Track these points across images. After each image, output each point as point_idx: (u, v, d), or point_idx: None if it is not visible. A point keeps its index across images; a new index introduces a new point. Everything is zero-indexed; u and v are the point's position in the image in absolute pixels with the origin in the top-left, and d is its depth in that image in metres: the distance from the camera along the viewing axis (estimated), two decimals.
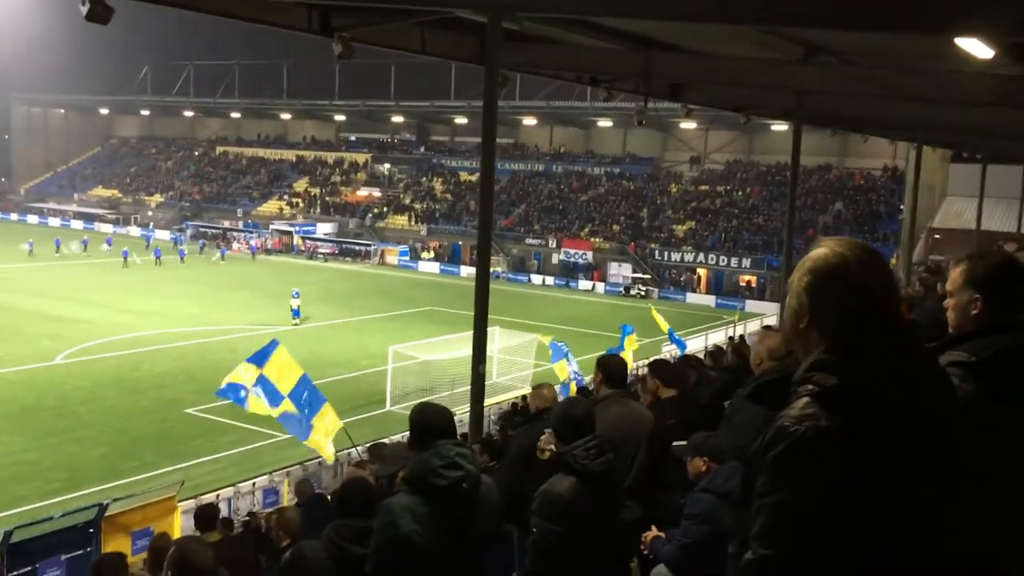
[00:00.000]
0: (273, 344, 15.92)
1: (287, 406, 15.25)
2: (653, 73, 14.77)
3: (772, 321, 34.67)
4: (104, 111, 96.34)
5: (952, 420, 1.81)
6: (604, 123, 68.32)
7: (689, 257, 56.99)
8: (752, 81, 14.92)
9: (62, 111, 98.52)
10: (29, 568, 13.70)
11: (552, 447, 4.51)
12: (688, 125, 60.87)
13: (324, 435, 15.48)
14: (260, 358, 15.51)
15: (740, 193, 62.64)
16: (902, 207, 53.16)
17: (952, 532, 1.75)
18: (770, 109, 23.14)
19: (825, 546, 1.70)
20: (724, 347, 21.22)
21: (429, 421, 3.87)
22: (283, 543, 5.24)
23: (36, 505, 17.52)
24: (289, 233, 68.97)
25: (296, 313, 38.83)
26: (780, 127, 49.80)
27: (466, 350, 23.01)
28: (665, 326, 27.97)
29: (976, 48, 9.74)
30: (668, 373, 6.51)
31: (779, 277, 47.78)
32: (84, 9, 9.29)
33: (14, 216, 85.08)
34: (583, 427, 4.52)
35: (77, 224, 78.38)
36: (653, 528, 5.14)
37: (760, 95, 18.63)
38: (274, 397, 15.17)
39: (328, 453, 16.10)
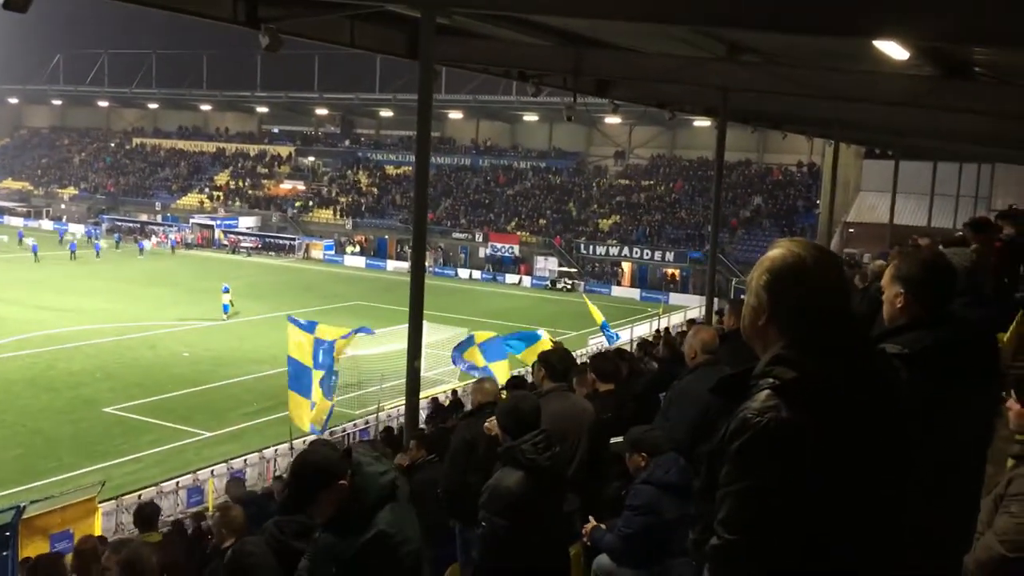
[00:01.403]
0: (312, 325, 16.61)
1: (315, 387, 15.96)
2: (582, 69, 14.93)
3: (696, 314, 35.36)
4: (13, 100, 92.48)
5: (905, 414, 1.92)
6: (530, 117, 68.60)
7: (614, 251, 57.71)
8: (678, 78, 15.21)
9: None
10: None
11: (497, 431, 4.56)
12: (613, 120, 61.48)
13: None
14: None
15: (664, 187, 63.69)
16: (818, 202, 54.83)
17: (912, 527, 1.86)
18: (695, 106, 23.62)
19: (788, 533, 1.79)
20: (652, 339, 21.60)
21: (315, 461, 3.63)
22: (226, 542, 5.17)
23: None
24: (210, 227, 67.46)
25: (226, 308, 38.13)
26: (703, 123, 50.68)
27: (394, 345, 22.95)
28: (600, 317, 28.25)
29: (893, 50, 10.12)
30: (605, 368, 6.62)
31: (702, 270, 48.79)
32: None
33: None
34: (530, 422, 4.59)
35: None
36: (592, 519, 5.24)
37: (686, 92, 19.00)
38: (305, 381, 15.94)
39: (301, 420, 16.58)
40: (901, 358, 2.54)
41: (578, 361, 8.24)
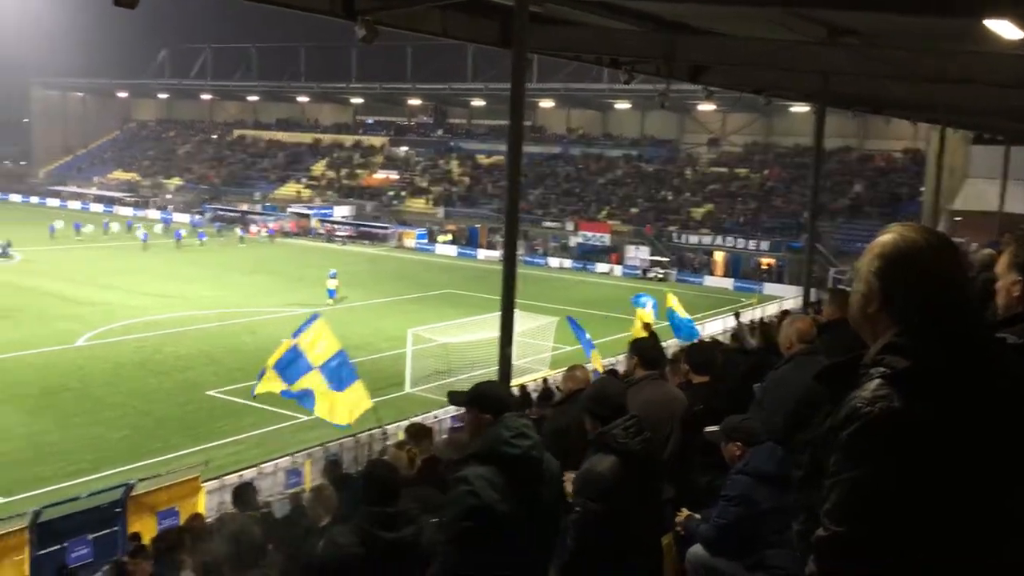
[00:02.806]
0: (313, 317, 16.07)
1: (309, 381, 15.22)
2: (676, 55, 14.69)
3: (791, 304, 34.56)
4: (122, 95, 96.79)
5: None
6: (622, 105, 68.03)
7: (707, 240, 56.81)
8: (775, 63, 14.83)
9: (81, 95, 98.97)
10: (57, 547, 13.91)
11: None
12: (707, 107, 60.48)
13: (346, 409, 15.47)
14: (298, 331, 15.64)
15: (759, 175, 62.33)
16: (922, 189, 52.77)
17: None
18: (792, 91, 22.99)
19: (897, 526, 1.73)
20: (745, 330, 21.16)
21: (498, 394, 4.04)
22: (322, 520, 5.32)
23: (60, 486, 17.72)
24: (307, 216, 69.16)
25: (332, 293, 39.21)
26: (800, 109, 49.43)
27: (484, 333, 23.15)
28: (682, 312, 27.46)
29: (1005, 29, 9.64)
30: (700, 360, 6.54)
31: (798, 259, 47.62)
32: None
33: (34, 199, 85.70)
34: (618, 407, 4.58)
35: (97, 207, 78.85)
36: (684, 509, 5.19)
37: (783, 77, 18.50)
38: (296, 370, 15.18)
39: (340, 418, 15.93)
40: (1020, 350, 2.43)
41: (668, 352, 8.16)
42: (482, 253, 60.58)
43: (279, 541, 7.24)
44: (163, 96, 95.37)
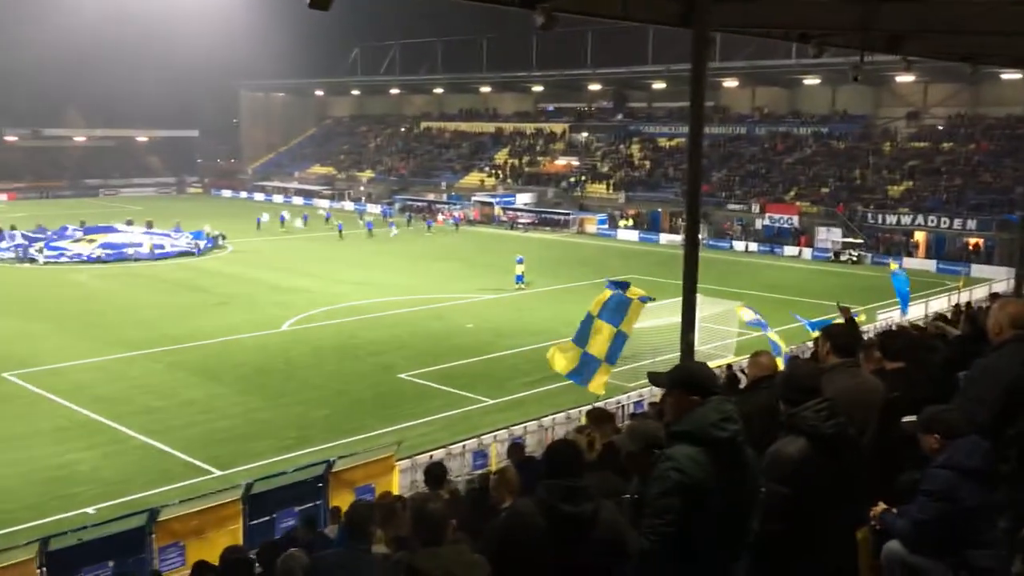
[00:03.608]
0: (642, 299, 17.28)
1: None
2: (871, 25, 13.85)
3: (1002, 287, 32.06)
4: (319, 93, 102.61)
5: None
6: (811, 81, 65.10)
7: (906, 220, 53.40)
8: (984, 26, 13.70)
9: (282, 95, 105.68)
10: (267, 518, 14.98)
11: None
12: (905, 78, 56.83)
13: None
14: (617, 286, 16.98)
15: (965, 149, 57.86)
16: None
17: None
18: (1003, 56, 21.16)
19: None
20: (948, 315, 19.83)
21: (702, 375, 4.08)
22: (505, 501, 5.44)
23: (271, 460, 19.08)
24: (490, 204, 70.68)
25: (520, 279, 40.12)
26: (1011, 76, 45.57)
27: (667, 318, 22.84)
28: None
29: None
30: (892, 346, 6.18)
31: (1011, 239, 43.98)
32: None
33: (243, 194, 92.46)
34: (810, 389, 4.45)
35: (298, 200, 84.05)
36: (880, 503, 4.94)
37: (992, 41, 17.06)
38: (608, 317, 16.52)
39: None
40: None
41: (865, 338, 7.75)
42: (664, 237, 59.81)
43: (463, 518, 7.48)
44: (355, 93, 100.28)
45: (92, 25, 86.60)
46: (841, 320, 10.09)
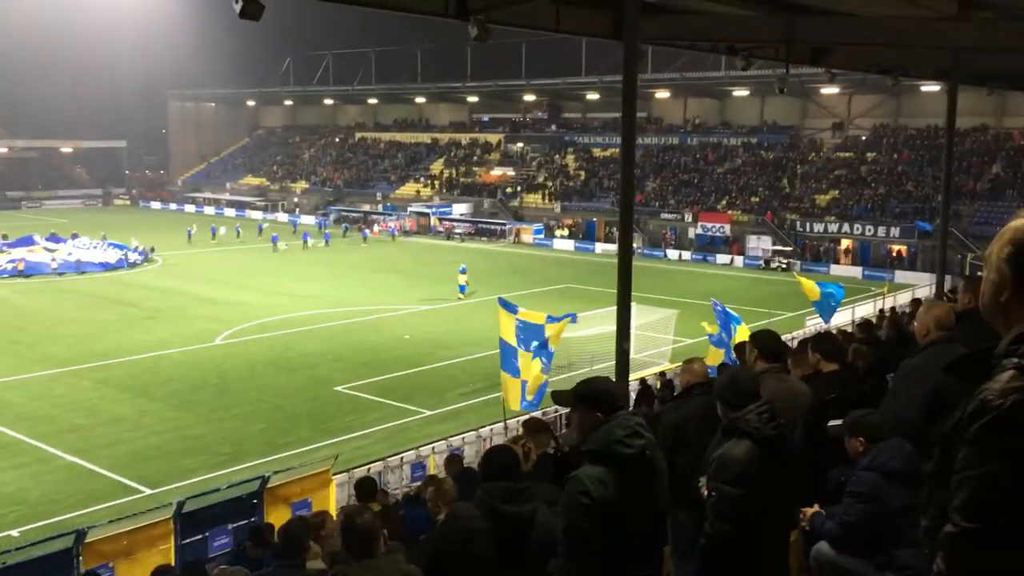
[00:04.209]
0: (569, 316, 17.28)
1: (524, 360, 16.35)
2: (795, 38, 14.25)
3: (924, 292, 33.06)
4: (251, 103, 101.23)
5: None
6: (740, 92, 66.47)
7: (833, 227, 54.86)
8: (903, 41, 14.19)
9: (213, 105, 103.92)
10: (200, 536, 14.66)
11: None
12: (830, 90, 58.50)
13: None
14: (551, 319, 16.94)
15: (888, 159, 59.72)
16: None
17: None
18: (922, 69, 21.96)
19: None
20: (874, 320, 20.41)
21: (607, 391, 4.03)
22: (440, 513, 5.42)
23: (204, 477, 18.70)
24: (426, 215, 70.51)
25: (463, 288, 40.07)
26: (931, 88, 47.13)
27: (604, 327, 23.04)
28: (816, 293, 26.68)
29: None
30: (831, 347, 6.36)
31: (932, 246, 45.45)
32: (237, 7, 9.77)
33: (173, 206, 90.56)
34: (750, 394, 4.54)
35: (230, 212, 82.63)
36: (815, 504, 5.06)
37: (911, 55, 17.71)
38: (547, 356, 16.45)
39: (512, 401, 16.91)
40: None
41: (793, 343, 7.94)
42: (600, 247, 60.37)
43: (398, 530, 7.42)
44: (288, 103, 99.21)
45: (14, 33, 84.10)
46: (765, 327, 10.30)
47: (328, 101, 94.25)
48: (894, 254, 51.98)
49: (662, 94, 68.83)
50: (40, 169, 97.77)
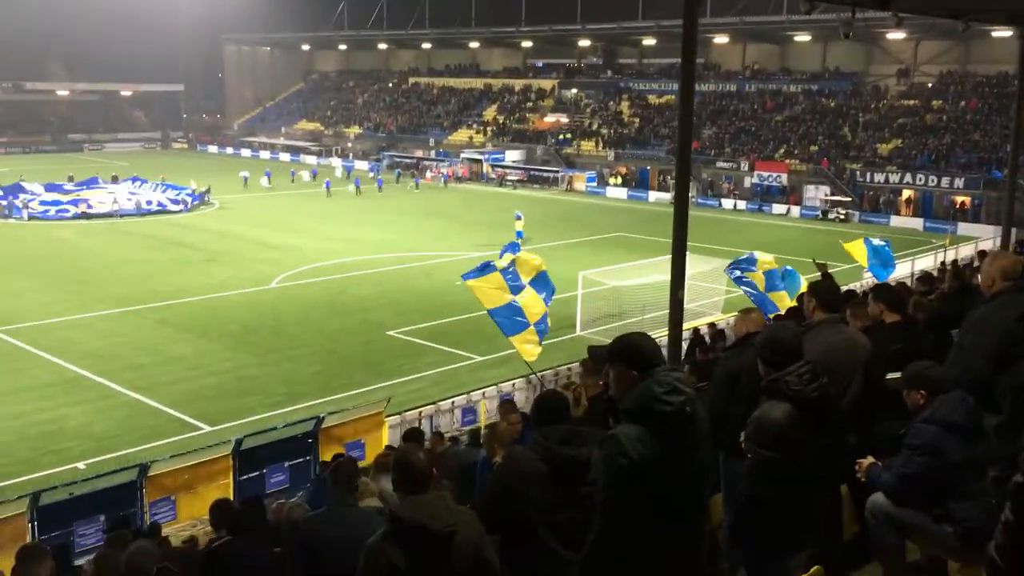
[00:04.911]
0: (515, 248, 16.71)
1: (526, 299, 15.83)
2: None
3: (988, 246, 32.22)
4: (305, 47, 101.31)
5: None
6: (801, 38, 64.61)
7: (894, 178, 53.45)
8: None
9: (268, 49, 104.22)
10: (257, 473, 15.11)
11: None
12: (896, 35, 56.48)
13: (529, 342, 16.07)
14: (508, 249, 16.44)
15: (955, 107, 57.75)
16: None
17: None
18: (994, 13, 21.04)
19: None
20: (935, 273, 19.96)
21: (643, 347, 3.89)
22: (496, 456, 5.50)
23: (261, 416, 19.16)
24: (479, 161, 70.27)
25: (519, 234, 40.11)
26: (1002, 33, 45.25)
27: (656, 276, 22.92)
28: (863, 255, 26.16)
29: None
30: (893, 297, 6.25)
31: (998, 197, 44.10)
32: None
33: (229, 150, 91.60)
34: (792, 353, 4.44)
35: (284, 156, 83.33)
36: (869, 456, 5.01)
37: None
38: (514, 286, 15.89)
39: (531, 354, 16.41)
40: None
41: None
42: (653, 195, 59.72)
43: (448, 469, 7.54)
44: (342, 47, 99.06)
45: None
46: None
47: (382, 46, 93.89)
48: (957, 206, 50.57)
49: (720, 39, 67.23)
50: (101, 112, 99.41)
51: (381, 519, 4.29)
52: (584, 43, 78.40)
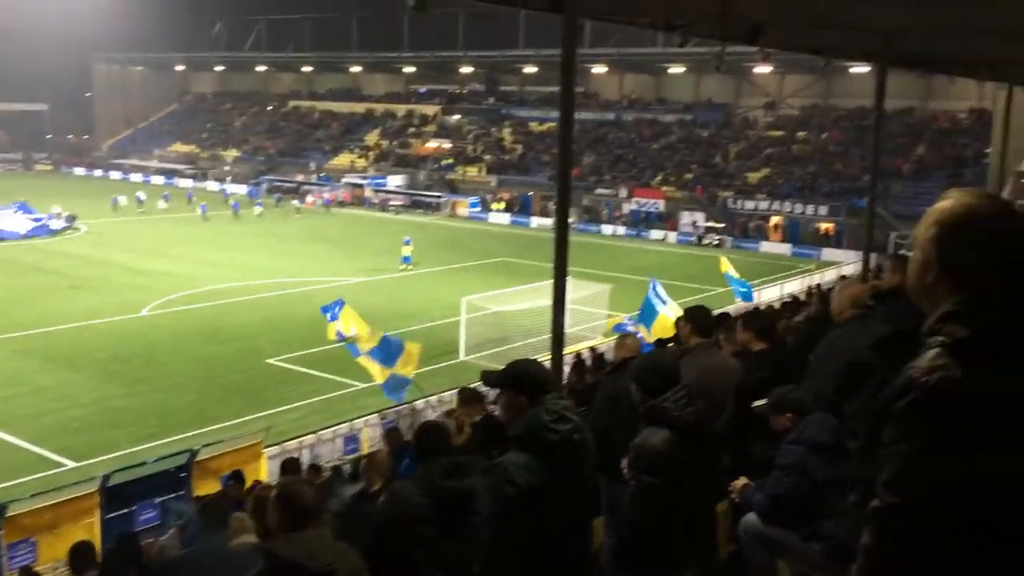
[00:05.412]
0: (338, 303, 16.36)
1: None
2: (732, 16, 14.35)
3: (851, 270, 33.95)
4: (180, 68, 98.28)
5: None
6: (676, 69, 66.97)
7: (764, 205, 55.87)
8: (835, 22, 14.41)
9: (140, 68, 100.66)
10: (126, 510, 14.38)
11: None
12: (763, 69, 59.18)
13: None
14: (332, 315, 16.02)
15: (818, 138, 61.01)
16: (988, 151, 51.10)
17: None
18: (852, 51, 22.33)
19: (952, 498, 1.70)
20: (802, 297, 20.89)
21: (532, 373, 3.93)
22: (375, 485, 5.39)
23: (130, 450, 18.30)
24: (361, 186, 69.65)
25: (407, 260, 39.98)
26: (860, 69, 48.15)
27: (539, 301, 23.14)
28: (733, 272, 27.21)
29: None
30: (762, 325, 6.46)
31: (859, 224, 46.61)
32: None
33: (98, 172, 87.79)
34: (669, 378, 4.54)
35: (158, 180, 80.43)
36: (742, 478, 5.16)
37: (843, 36, 17.98)
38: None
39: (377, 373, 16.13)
40: None
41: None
42: (535, 221, 60.45)
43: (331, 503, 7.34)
44: (219, 69, 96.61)
45: None
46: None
47: (261, 68, 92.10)
48: (822, 232, 53.19)
49: (599, 69, 68.95)
50: None
51: (256, 557, 4.12)
52: (466, 70, 79.03)
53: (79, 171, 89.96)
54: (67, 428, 19.82)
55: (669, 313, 19.27)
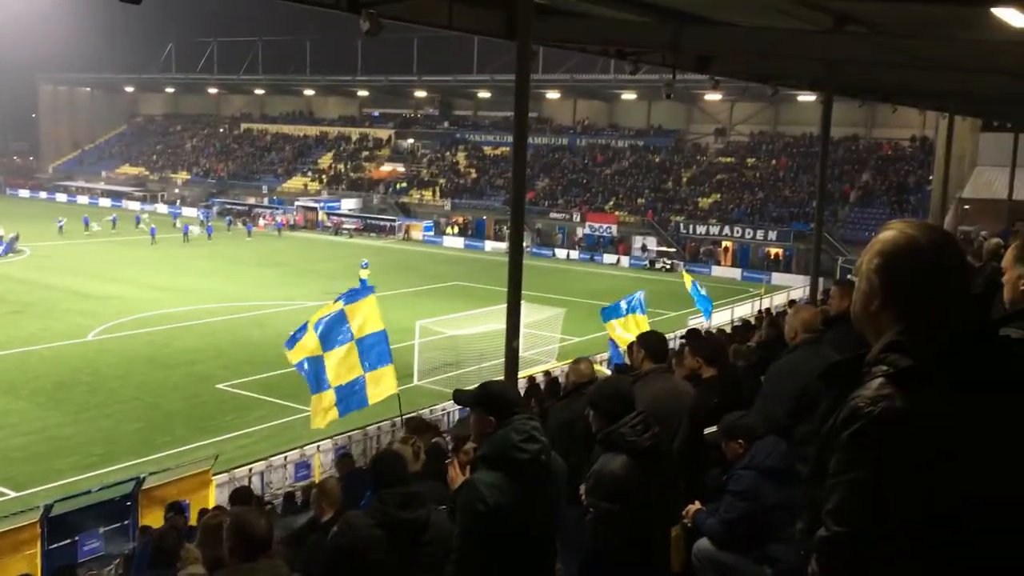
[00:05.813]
0: (369, 290, 16.05)
1: (343, 352, 14.81)
2: (681, 45, 14.61)
3: (799, 294, 34.49)
4: (129, 89, 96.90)
5: None
6: (628, 96, 67.77)
7: (714, 230, 56.66)
8: (781, 52, 14.75)
9: (88, 89, 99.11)
10: (69, 540, 14.00)
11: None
12: (713, 97, 60.23)
13: (372, 389, 15.24)
14: (351, 298, 15.56)
15: (766, 165, 62.16)
16: (931, 177, 52.45)
17: None
18: (799, 80, 22.88)
19: (898, 528, 1.72)
20: (752, 320, 21.17)
21: (502, 394, 4.04)
22: (326, 515, 5.32)
23: (74, 479, 17.85)
24: (314, 209, 69.21)
25: (363, 283, 39.42)
26: (807, 98, 49.14)
27: (493, 324, 23.15)
28: (700, 288, 27.32)
29: (1012, 17, 9.58)
30: (710, 351, 6.51)
31: (807, 249, 47.46)
32: None
33: (43, 195, 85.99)
34: (625, 404, 4.57)
35: (105, 202, 79.05)
36: (696, 502, 5.19)
37: (789, 66, 18.41)
38: (335, 336, 15.00)
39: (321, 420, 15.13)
40: None
41: (678, 342, 8.12)
42: (489, 245, 60.55)
43: (283, 534, 7.22)
44: (170, 90, 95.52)
45: None
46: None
47: (212, 90, 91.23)
48: (771, 257, 54.05)
49: (552, 95, 69.55)
50: None
51: None
52: (420, 94, 79.17)
53: (23, 193, 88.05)
54: (8, 457, 19.26)
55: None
